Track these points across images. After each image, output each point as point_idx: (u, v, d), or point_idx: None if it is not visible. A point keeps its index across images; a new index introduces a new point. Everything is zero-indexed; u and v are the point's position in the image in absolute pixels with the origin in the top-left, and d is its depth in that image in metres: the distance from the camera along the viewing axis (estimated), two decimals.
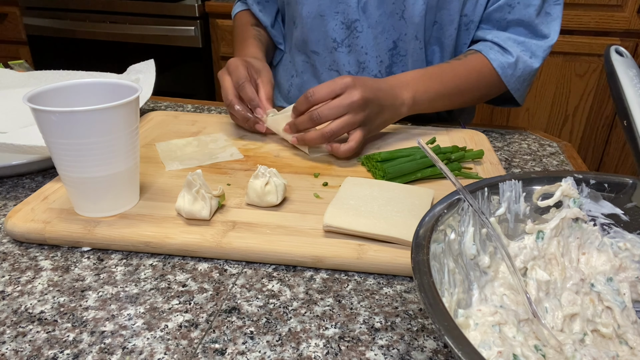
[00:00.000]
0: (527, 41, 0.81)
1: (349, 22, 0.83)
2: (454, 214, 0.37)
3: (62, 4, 1.98)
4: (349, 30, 0.83)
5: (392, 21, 0.81)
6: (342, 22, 0.83)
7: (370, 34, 0.83)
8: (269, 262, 0.49)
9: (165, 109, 0.90)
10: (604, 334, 0.37)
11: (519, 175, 0.42)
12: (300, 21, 0.86)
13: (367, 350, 0.39)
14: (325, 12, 0.83)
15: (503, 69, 0.80)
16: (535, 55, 0.81)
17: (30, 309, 0.43)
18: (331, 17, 0.83)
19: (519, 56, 0.80)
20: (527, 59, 0.80)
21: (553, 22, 0.81)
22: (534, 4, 0.79)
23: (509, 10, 0.80)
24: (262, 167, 0.55)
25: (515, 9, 0.79)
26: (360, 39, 0.83)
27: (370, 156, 0.65)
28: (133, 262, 0.49)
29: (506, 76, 0.81)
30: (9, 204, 0.58)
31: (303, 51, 0.90)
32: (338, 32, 0.84)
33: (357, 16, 0.82)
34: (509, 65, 0.80)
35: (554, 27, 0.81)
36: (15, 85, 0.85)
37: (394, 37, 0.82)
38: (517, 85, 0.82)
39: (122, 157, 0.51)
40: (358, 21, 0.82)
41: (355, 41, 0.84)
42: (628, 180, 0.41)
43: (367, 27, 0.82)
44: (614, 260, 0.41)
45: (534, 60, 0.81)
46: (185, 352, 0.39)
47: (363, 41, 0.84)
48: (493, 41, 0.81)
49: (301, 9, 0.84)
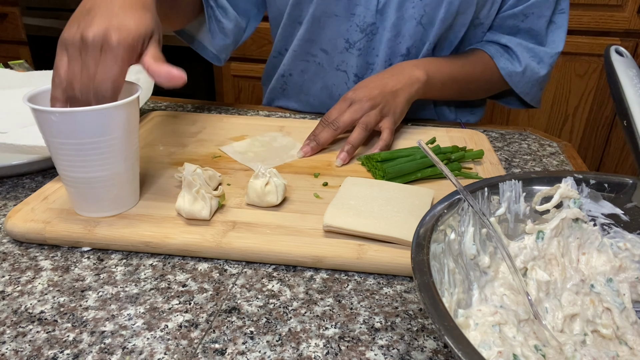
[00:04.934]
0: (535, 48, 0.83)
1: (365, 26, 0.81)
2: (454, 214, 0.37)
3: (62, 4, 1.98)
4: (364, 34, 0.82)
5: (408, 26, 0.80)
6: (358, 25, 0.82)
7: (384, 36, 0.82)
8: (269, 262, 0.49)
9: (165, 109, 0.90)
10: (604, 334, 0.37)
11: (519, 175, 0.42)
12: (309, 19, 0.84)
13: (367, 350, 0.39)
14: (341, 12, 0.82)
15: (510, 77, 0.83)
16: (543, 61, 0.83)
17: (30, 309, 0.43)
18: (346, 19, 0.82)
19: (528, 64, 0.83)
20: (534, 65, 0.83)
21: (558, 30, 0.83)
22: (545, 15, 0.81)
23: (523, 18, 0.81)
24: (262, 167, 0.55)
25: (529, 18, 0.81)
26: (374, 41, 0.83)
27: (370, 156, 0.65)
28: (133, 262, 0.49)
29: (513, 82, 0.84)
30: (9, 204, 0.58)
31: (306, 51, 0.88)
32: (352, 34, 0.83)
33: (374, 20, 0.81)
34: (516, 74, 0.83)
35: (559, 35, 0.83)
36: (15, 85, 0.85)
37: (408, 43, 0.82)
38: (525, 90, 0.85)
39: (122, 157, 0.51)
40: (374, 24, 0.81)
41: (368, 44, 0.83)
42: (628, 180, 0.41)
43: (382, 30, 0.81)
44: (614, 261, 0.41)
45: (541, 67, 0.83)
46: (185, 352, 0.39)
47: (376, 43, 0.83)
48: (506, 45, 0.83)
49: (314, 7, 0.82)
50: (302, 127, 0.77)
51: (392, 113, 0.72)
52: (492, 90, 0.89)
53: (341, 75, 0.88)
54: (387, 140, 0.70)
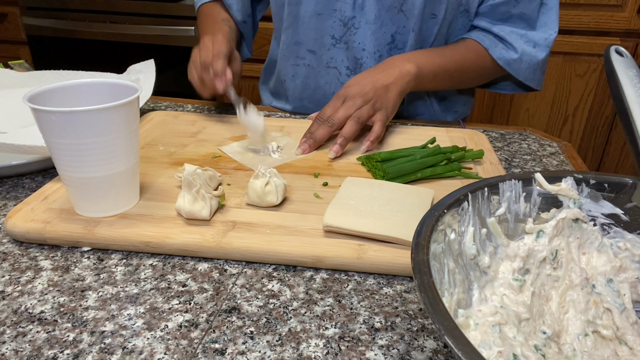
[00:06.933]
0: (527, 33, 0.82)
1: (346, 20, 0.83)
2: (454, 214, 0.37)
3: (62, 4, 1.98)
4: (346, 28, 0.84)
5: (390, 14, 0.81)
6: (340, 20, 0.83)
7: (367, 30, 0.83)
8: (269, 262, 0.49)
9: (165, 109, 0.90)
10: (604, 335, 0.37)
11: (519, 175, 0.41)
12: (296, 21, 0.86)
13: (367, 350, 0.39)
14: (323, 10, 0.83)
15: (509, 65, 0.82)
16: (539, 45, 0.82)
17: (30, 309, 0.43)
18: (329, 15, 0.84)
19: (523, 50, 0.82)
20: (530, 49, 0.82)
21: (549, 11, 0.82)
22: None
23: (515, 4, 0.81)
24: (262, 167, 0.55)
25: (520, 3, 0.80)
26: (357, 35, 0.84)
27: (370, 156, 0.65)
28: (133, 262, 0.49)
29: (513, 70, 0.83)
30: (9, 204, 0.58)
31: (294, 54, 0.89)
32: (336, 29, 0.84)
33: (354, 13, 0.82)
34: (513, 61, 0.82)
35: (551, 17, 0.82)
36: (15, 85, 0.85)
37: (392, 30, 0.83)
38: (528, 76, 0.84)
39: (122, 157, 0.51)
40: (355, 18, 0.82)
41: (352, 38, 0.84)
42: (628, 180, 0.41)
43: (365, 24, 0.82)
44: (614, 261, 0.41)
45: (537, 50, 0.82)
46: (185, 352, 0.39)
47: (360, 37, 0.84)
48: (498, 35, 0.82)
49: (299, 8, 0.84)
50: (302, 127, 0.77)
51: (385, 107, 0.73)
52: (486, 77, 0.88)
53: (332, 72, 0.88)
54: (377, 132, 0.71)
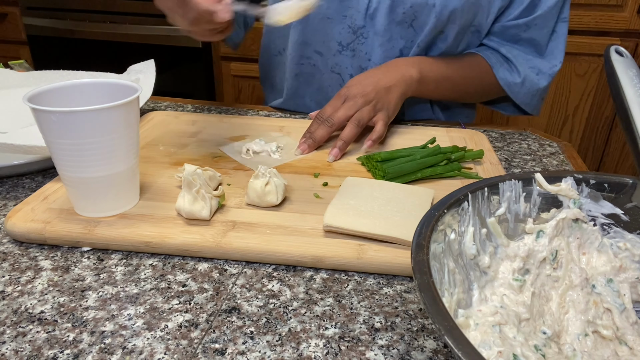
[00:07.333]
0: (533, 59, 0.83)
1: (356, 28, 0.82)
2: (454, 214, 0.37)
3: (62, 4, 1.98)
4: (355, 36, 0.83)
5: (400, 29, 0.80)
6: (349, 27, 0.82)
7: (375, 41, 0.82)
8: (269, 262, 0.49)
9: (165, 109, 0.90)
10: (604, 335, 0.37)
11: (519, 175, 0.41)
12: (304, 22, 0.84)
13: (367, 350, 0.39)
14: (333, 15, 0.82)
15: (509, 87, 0.83)
16: (542, 72, 0.83)
17: (30, 309, 0.43)
18: (339, 21, 0.82)
19: (526, 75, 0.82)
20: (533, 76, 0.83)
21: (558, 38, 0.83)
22: (549, 26, 0.80)
23: (525, 29, 0.81)
24: (262, 167, 0.55)
25: (532, 29, 0.81)
26: (365, 45, 0.83)
27: (370, 156, 0.65)
28: (133, 262, 0.49)
29: (513, 93, 0.84)
30: (9, 204, 0.58)
31: (301, 54, 0.89)
32: (344, 35, 0.83)
33: (364, 23, 0.81)
34: (514, 84, 0.83)
35: (559, 46, 0.83)
36: (15, 85, 0.85)
37: (400, 45, 0.82)
38: (526, 100, 0.85)
39: (122, 157, 0.51)
40: (364, 27, 0.82)
41: (359, 47, 0.83)
42: (628, 180, 0.41)
43: (373, 35, 0.82)
44: (614, 261, 0.41)
45: (540, 78, 0.83)
46: (185, 352, 0.39)
47: (367, 48, 0.83)
48: (505, 55, 0.82)
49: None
50: (302, 127, 0.77)
51: (386, 108, 0.73)
52: (488, 94, 0.89)
53: (335, 77, 0.88)
54: (380, 132, 0.70)
